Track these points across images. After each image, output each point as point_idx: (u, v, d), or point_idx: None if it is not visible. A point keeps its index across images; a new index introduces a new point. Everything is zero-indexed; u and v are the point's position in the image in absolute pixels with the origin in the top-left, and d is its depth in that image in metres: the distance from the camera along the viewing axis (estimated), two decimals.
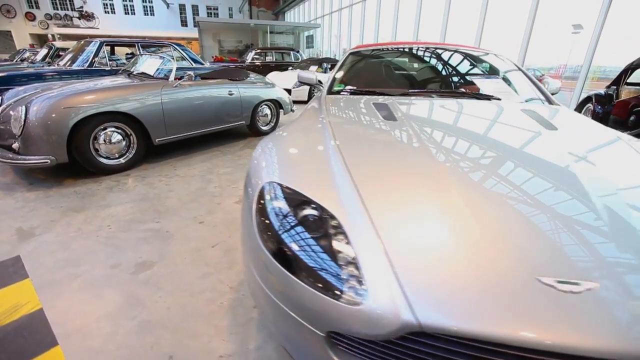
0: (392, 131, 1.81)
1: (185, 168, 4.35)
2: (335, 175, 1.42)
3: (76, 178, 3.87)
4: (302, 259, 1.14)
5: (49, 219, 2.93)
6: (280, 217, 1.31)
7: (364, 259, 1.04)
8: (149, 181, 3.87)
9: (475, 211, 1.14)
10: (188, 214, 3.09)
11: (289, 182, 1.42)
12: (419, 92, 2.58)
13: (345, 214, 1.20)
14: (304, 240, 1.21)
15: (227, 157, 4.80)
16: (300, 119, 2.34)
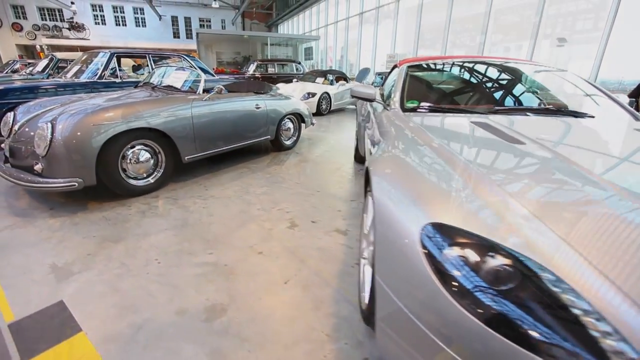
0: (532, 156, 1.58)
1: (217, 188, 4.01)
2: (508, 211, 1.17)
3: (100, 201, 3.49)
4: (533, 328, 0.89)
5: (84, 252, 2.56)
6: (470, 271, 1.04)
7: (618, 316, 0.80)
8: (183, 203, 3.52)
9: None
10: (241, 242, 2.76)
11: (458, 222, 1.16)
12: (508, 110, 2.37)
13: (556, 259, 0.96)
14: (518, 301, 0.95)
15: (258, 175, 4.48)
16: (390, 139, 2.09)
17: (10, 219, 3.09)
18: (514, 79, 2.99)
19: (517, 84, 2.97)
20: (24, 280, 2.23)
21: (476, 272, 1.05)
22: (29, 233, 2.85)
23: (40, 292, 2.10)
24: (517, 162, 1.56)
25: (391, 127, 2.25)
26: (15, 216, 3.16)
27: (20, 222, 3.03)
